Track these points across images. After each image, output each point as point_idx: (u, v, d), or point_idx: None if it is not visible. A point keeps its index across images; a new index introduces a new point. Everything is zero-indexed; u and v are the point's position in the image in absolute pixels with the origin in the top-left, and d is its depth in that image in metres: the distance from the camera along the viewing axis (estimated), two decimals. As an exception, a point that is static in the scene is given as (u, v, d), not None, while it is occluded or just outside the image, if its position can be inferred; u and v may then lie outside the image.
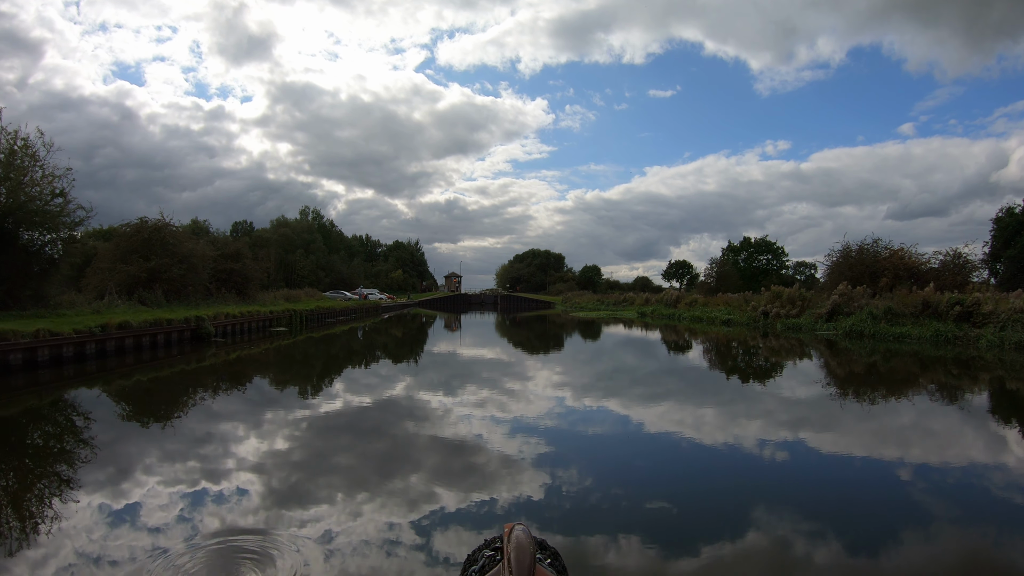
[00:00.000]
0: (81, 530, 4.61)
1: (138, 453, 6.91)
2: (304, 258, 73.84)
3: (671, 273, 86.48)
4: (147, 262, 23.92)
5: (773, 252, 65.90)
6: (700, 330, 29.31)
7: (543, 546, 3.02)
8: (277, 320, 27.07)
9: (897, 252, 32.09)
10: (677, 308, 40.07)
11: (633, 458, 7.08)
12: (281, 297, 36.57)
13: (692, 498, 5.63)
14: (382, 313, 47.01)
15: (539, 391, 11.75)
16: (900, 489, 5.95)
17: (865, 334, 22.51)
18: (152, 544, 4.31)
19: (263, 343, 20.67)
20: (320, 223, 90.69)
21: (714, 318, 32.85)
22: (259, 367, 15.45)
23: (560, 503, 5.31)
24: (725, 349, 21.25)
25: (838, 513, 5.25)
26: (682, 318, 36.29)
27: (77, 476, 6.07)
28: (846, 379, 13.72)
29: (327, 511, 5.01)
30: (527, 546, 2.33)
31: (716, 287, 47.00)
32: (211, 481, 5.76)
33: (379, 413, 9.45)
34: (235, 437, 7.68)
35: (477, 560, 2.96)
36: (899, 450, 7.44)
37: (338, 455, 6.84)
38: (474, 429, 8.13)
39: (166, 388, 11.97)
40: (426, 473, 6.12)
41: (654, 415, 9.53)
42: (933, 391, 12.00)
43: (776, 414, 9.54)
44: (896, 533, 4.75)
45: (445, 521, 4.84)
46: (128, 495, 5.42)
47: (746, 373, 14.98)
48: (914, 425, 8.99)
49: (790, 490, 5.91)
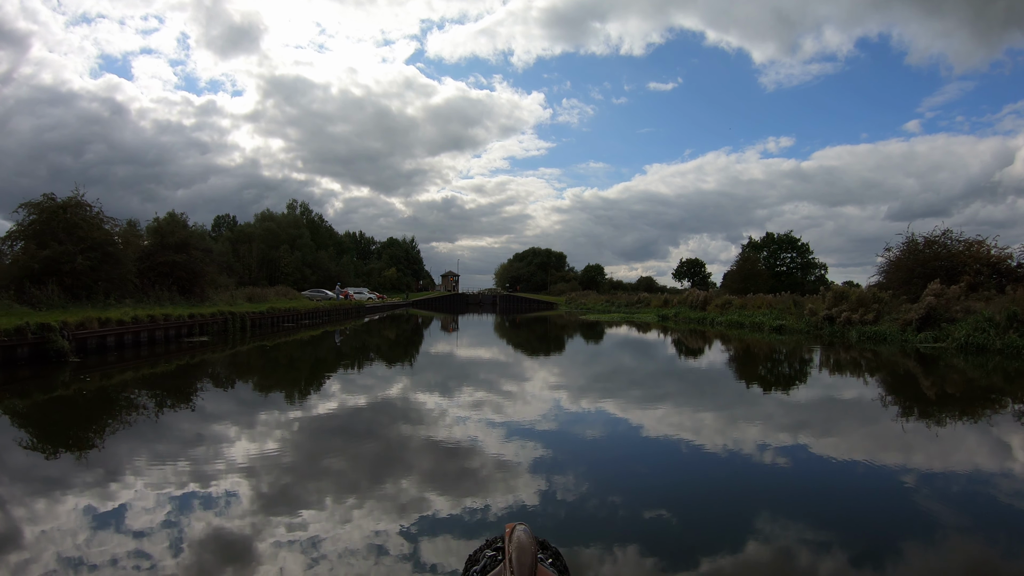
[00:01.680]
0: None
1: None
2: (289, 254, 68.17)
3: (682, 272, 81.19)
4: (42, 249, 18.39)
5: (797, 249, 60.52)
6: (749, 339, 23.85)
7: (544, 546, 2.98)
8: (203, 326, 21.06)
9: (975, 244, 26.66)
10: (706, 311, 34.57)
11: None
12: (243, 296, 30.96)
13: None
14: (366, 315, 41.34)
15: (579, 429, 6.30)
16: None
17: (989, 348, 17.00)
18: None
19: (148, 363, 14.81)
20: (309, 217, 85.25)
21: (758, 323, 27.35)
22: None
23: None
24: (839, 374, 15.72)
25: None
26: (715, 323, 30.79)
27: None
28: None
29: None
30: (528, 546, 2.33)
31: (743, 287, 41.47)
32: None
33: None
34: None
35: (479, 560, 2.92)
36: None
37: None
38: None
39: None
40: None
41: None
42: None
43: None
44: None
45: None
46: None
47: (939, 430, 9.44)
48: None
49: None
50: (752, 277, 42.98)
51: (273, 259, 67.58)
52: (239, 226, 75.42)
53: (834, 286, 26.44)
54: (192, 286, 25.90)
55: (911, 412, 10.00)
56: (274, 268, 66.87)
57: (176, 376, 13.28)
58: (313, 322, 30.69)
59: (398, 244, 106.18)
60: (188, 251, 26.51)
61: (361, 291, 64.20)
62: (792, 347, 20.96)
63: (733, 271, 48.80)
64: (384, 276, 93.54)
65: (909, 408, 10.33)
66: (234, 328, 22.86)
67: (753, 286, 41.61)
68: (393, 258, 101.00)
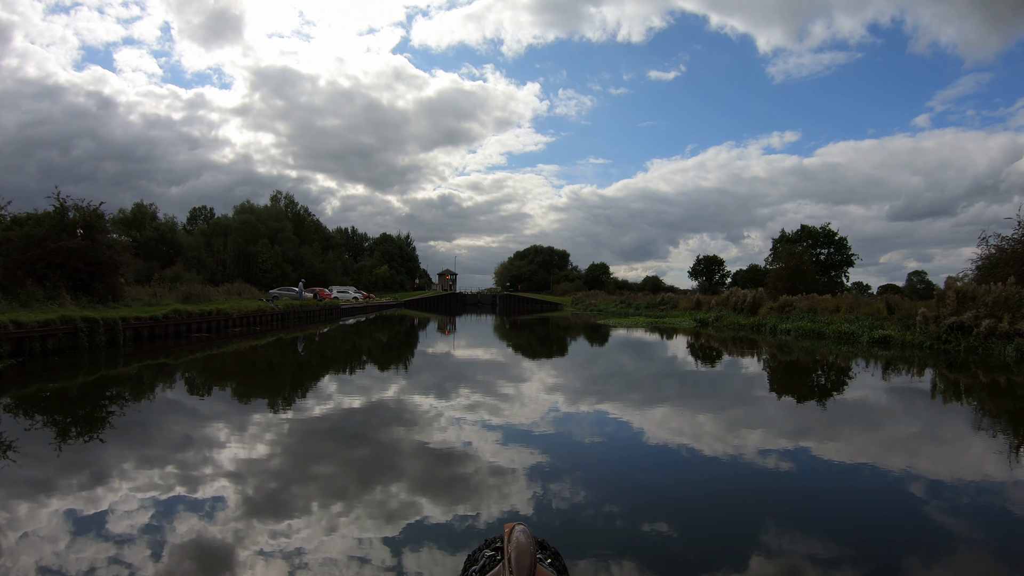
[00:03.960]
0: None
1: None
2: (268, 249, 61.46)
3: (699, 271, 74.69)
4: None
5: (836, 245, 54.04)
6: (851, 355, 17.43)
7: (543, 546, 2.93)
8: (20, 341, 13.52)
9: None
10: (757, 315, 28.09)
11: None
12: (179, 296, 24.32)
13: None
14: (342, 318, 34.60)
15: None
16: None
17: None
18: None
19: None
20: (294, 211, 78.66)
21: (847, 333, 20.83)
22: None
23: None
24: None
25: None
26: (777, 331, 24.31)
27: None
28: None
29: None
30: (527, 546, 2.29)
31: (791, 287, 34.94)
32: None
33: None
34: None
35: (477, 560, 2.88)
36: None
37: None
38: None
39: None
40: None
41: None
42: None
43: None
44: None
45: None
46: None
47: None
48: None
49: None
50: (801, 275, 36.38)
51: (250, 254, 60.96)
52: (215, 219, 68.66)
53: (952, 283, 19.91)
54: (94, 281, 19.34)
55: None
56: (251, 264, 60.34)
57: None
58: (248, 330, 23.48)
59: (392, 240, 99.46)
60: (93, 237, 19.97)
61: (346, 290, 57.86)
62: (944, 371, 14.54)
63: (744, 271, 42.71)
64: (375, 274, 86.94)
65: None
66: (91, 342, 15.55)
67: (803, 285, 35.14)
68: (386, 255, 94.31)
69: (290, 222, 70.62)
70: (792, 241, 52.90)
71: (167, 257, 55.17)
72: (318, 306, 32.27)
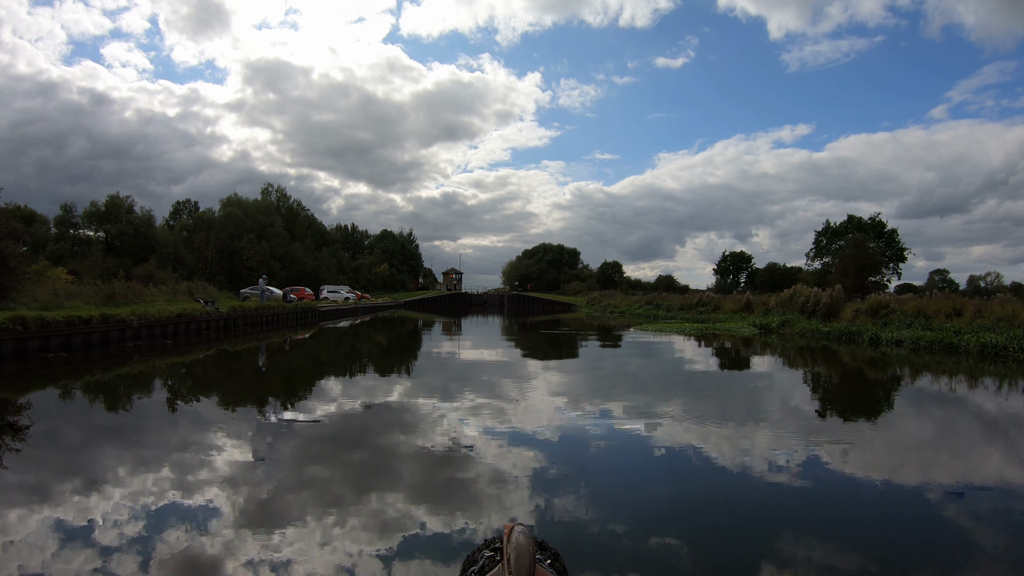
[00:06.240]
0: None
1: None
2: (254, 244, 56.02)
3: (725, 268, 68.79)
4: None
5: (886, 237, 48.12)
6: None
7: (543, 546, 2.85)
8: None
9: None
10: (838, 320, 22.33)
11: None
12: (101, 296, 18.72)
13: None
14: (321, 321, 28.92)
15: None
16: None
17: None
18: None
19: None
20: (286, 205, 73.35)
21: (993, 347, 15.15)
22: None
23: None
24: None
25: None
26: (880, 341, 18.57)
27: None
28: None
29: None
30: (527, 546, 2.24)
31: (859, 284, 29.14)
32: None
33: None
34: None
35: (476, 561, 2.80)
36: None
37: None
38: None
39: None
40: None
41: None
42: None
43: None
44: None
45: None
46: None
47: None
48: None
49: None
50: (868, 269, 30.54)
51: (235, 250, 55.58)
52: (198, 213, 63.27)
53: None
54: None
55: None
56: (235, 261, 54.99)
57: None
58: (158, 343, 16.96)
59: (392, 238, 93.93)
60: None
61: (338, 289, 52.41)
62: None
63: (761, 270, 37.00)
64: (375, 273, 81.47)
65: None
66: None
67: (871, 283, 29.36)
68: (386, 253, 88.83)
69: (281, 217, 65.35)
70: (838, 234, 47.08)
71: (141, 254, 49.78)
72: (284, 309, 26.31)
